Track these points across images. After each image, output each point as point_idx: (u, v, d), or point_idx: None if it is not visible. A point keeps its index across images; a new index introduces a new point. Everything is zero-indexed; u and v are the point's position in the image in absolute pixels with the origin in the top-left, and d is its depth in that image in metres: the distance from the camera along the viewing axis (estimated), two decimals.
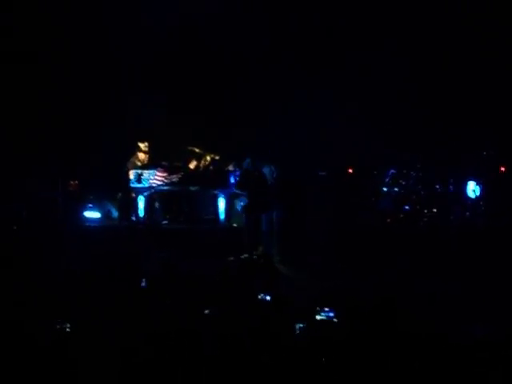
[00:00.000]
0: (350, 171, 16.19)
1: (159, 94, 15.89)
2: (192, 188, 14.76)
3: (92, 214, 15.40)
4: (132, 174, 14.71)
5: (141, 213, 14.69)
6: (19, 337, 6.43)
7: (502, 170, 15.45)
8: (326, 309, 7.23)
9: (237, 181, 14.09)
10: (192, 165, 15.20)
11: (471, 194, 15.22)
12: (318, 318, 7.17)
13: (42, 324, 6.84)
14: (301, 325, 6.84)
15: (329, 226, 13.83)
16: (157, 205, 15.03)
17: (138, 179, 14.65)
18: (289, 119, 16.06)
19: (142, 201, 14.66)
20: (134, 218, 14.82)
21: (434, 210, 15.45)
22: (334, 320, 7.15)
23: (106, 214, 15.61)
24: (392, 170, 15.91)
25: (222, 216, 14.44)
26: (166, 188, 14.76)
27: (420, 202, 15.64)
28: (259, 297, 8.14)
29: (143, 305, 7.58)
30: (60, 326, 6.85)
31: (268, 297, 8.09)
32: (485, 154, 15.45)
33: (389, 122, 15.86)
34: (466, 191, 15.25)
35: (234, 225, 14.34)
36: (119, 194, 15.22)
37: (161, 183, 14.66)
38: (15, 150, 15.45)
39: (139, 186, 14.67)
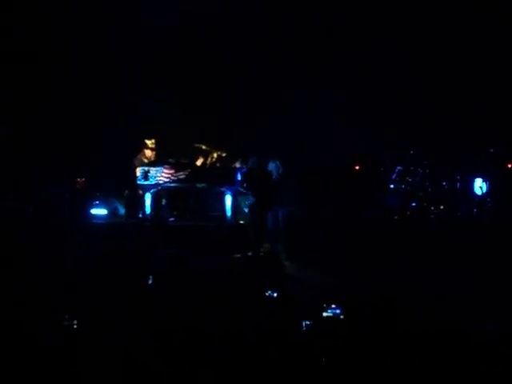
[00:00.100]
0: (357, 168, 16.18)
1: (166, 91, 15.91)
2: (199, 185, 14.75)
3: (99, 211, 15.42)
4: (139, 171, 14.70)
5: (147, 210, 14.69)
6: (26, 333, 6.44)
7: (509, 166, 15.43)
8: (333, 306, 7.22)
9: (241, 180, 14.09)
10: (199, 162, 15.21)
11: (478, 191, 15.20)
12: (324, 314, 7.17)
13: (49, 321, 6.84)
14: (307, 322, 6.83)
15: (335, 223, 13.83)
16: (163, 202, 15.04)
17: (145, 176, 14.65)
18: (295, 115, 16.07)
19: (148, 198, 14.66)
20: (140, 215, 14.81)
21: (441, 207, 15.43)
22: (341, 317, 7.14)
23: (112, 211, 15.63)
24: (399, 167, 15.90)
25: (228, 213, 14.43)
26: (172, 185, 14.75)
27: (427, 198, 15.63)
28: (266, 294, 8.14)
29: (150, 302, 7.58)
30: (67, 323, 6.86)
31: (275, 294, 8.09)
32: (492, 150, 15.43)
33: (396, 119, 15.86)
34: (473, 188, 15.23)
35: (241, 222, 14.33)
36: (126, 191, 15.22)
37: (168, 180, 14.66)
38: (22, 148, 15.48)
39: (146, 183, 14.67)
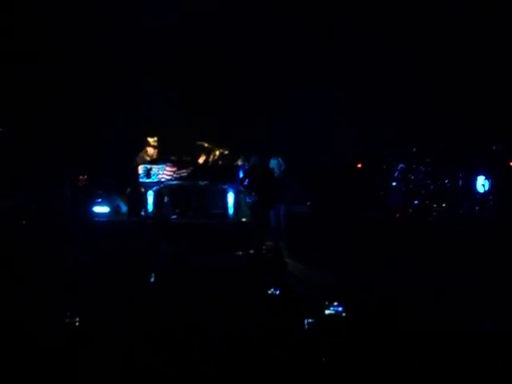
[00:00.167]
0: (359, 166, 16.17)
1: (168, 89, 15.91)
2: (201, 183, 14.76)
3: (101, 209, 15.42)
4: (141, 169, 14.71)
5: (150, 207, 14.70)
6: (27, 331, 6.44)
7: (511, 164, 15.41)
8: (335, 303, 7.23)
9: (242, 177, 14.10)
10: (201, 159, 15.21)
11: (480, 189, 15.17)
12: (326, 312, 7.17)
13: (51, 319, 6.85)
14: (310, 319, 6.83)
15: (337, 221, 13.83)
16: (166, 199, 15.02)
17: (147, 174, 14.65)
18: (297, 114, 16.07)
19: (151, 195, 14.67)
20: (142, 213, 14.81)
21: (444, 205, 15.41)
22: (343, 315, 7.14)
23: (114, 209, 15.62)
24: (401, 165, 15.88)
25: (230, 210, 14.44)
26: (175, 183, 14.76)
27: (429, 196, 15.61)
28: (269, 292, 8.14)
29: (152, 299, 7.59)
30: (69, 321, 6.86)
31: (277, 291, 8.09)
32: (494, 148, 15.41)
33: (398, 117, 15.85)
34: (475, 186, 15.21)
35: (243, 219, 14.33)
36: (128, 189, 15.21)
37: (170, 178, 14.66)
38: (25, 145, 15.49)
39: (148, 180, 14.67)
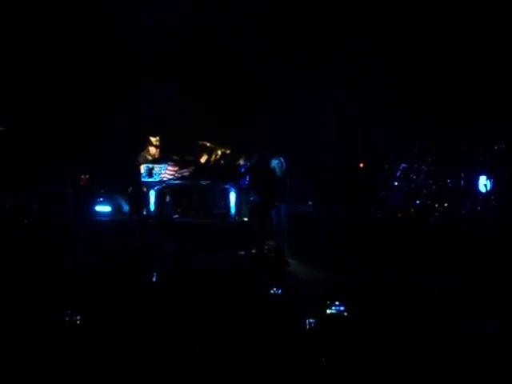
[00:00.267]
0: (361, 166, 16.16)
1: (171, 88, 15.91)
2: (203, 182, 14.78)
3: (103, 208, 15.43)
4: (143, 169, 14.72)
5: (152, 207, 14.71)
6: (29, 330, 6.45)
7: None
8: (337, 303, 7.23)
9: (242, 176, 14.11)
10: (203, 159, 15.21)
11: (482, 189, 15.16)
12: (328, 312, 7.17)
13: (53, 319, 6.86)
14: (311, 319, 6.84)
15: (340, 221, 13.83)
16: (168, 199, 15.04)
17: (149, 173, 14.66)
18: (298, 113, 16.08)
19: (152, 195, 14.68)
20: (144, 213, 14.83)
21: (445, 205, 15.40)
22: (345, 314, 7.15)
23: (116, 208, 15.64)
24: (403, 165, 15.87)
25: (232, 210, 14.46)
26: (176, 182, 14.78)
27: (431, 196, 15.60)
28: (271, 291, 8.14)
29: (154, 299, 7.59)
30: (70, 321, 6.87)
31: (279, 291, 8.10)
32: (496, 148, 15.39)
33: (400, 117, 15.84)
34: (477, 186, 15.19)
35: (245, 219, 14.34)
36: (130, 188, 15.22)
37: (172, 177, 14.67)
38: (27, 145, 15.49)
39: (150, 180, 14.68)
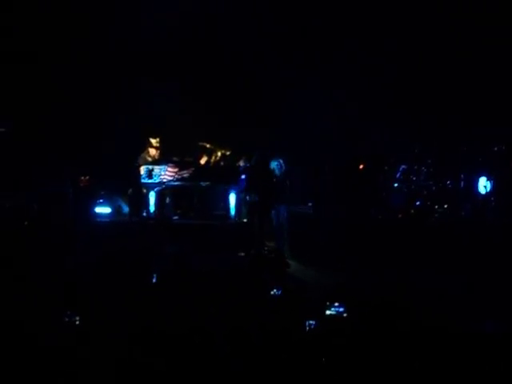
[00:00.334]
0: (361, 167, 16.16)
1: (171, 88, 15.91)
2: (203, 183, 14.77)
3: (103, 210, 15.43)
4: (143, 170, 14.71)
5: (151, 208, 14.71)
6: (28, 331, 6.45)
7: None
8: (336, 304, 7.23)
9: (242, 177, 14.13)
10: (203, 160, 15.22)
11: (482, 190, 15.15)
12: (328, 313, 7.17)
13: (51, 318, 6.86)
14: (311, 320, 6.84)
15: (339, 222, 13.83)
16: (167, 200, 15.03)
17: (149, 175, 14.66)
18: (298, 114, 16.08)
19: (152, 196, 14.68)
20: (144, 214, 14.82)
21: (445, 206, 15.40)
22: (344, 315, 7.15)
23: (116, 210, 15.64)
24: (403, 166, 15.87)
25: (232, 211, 14.46)
26: (176, 183, 14.77)
27: (431, 197, 15.60)
28: (271, 292, 8.15)
29: (154, 300, 7.60)
30: (70, 321, 6.87)
31: (279, 292, 8.10)
32: (496, 149, 15.39)
33: (400, 118, 15.85)
34: (477, 187, 15.19)
35: (245, 220, 14.34)
36: (130, 190, 15.22)
37: (172, 179, 14.67)
38: (27, 146, 15.49)
39: (150, 181, 14.68)
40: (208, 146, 15.25)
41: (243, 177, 14.16)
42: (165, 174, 14.65)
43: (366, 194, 15.53)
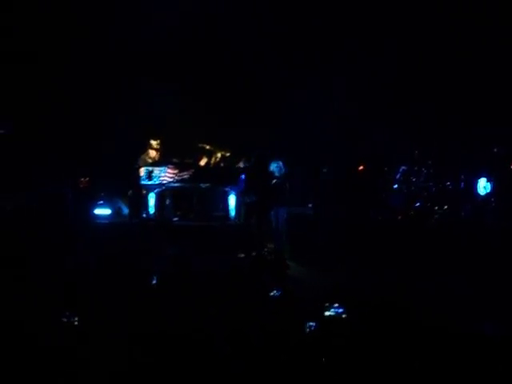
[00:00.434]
0: (361, 168, 16.17)
1: (171, 88, 15.92)
2: (203, 185, 14.78)
3: (103, 211, 15.42)
4: (143, 171, 14.71)
5: (151, 210, 14.70)
6: (27, 332, 6.45)
7: None
8: (336, 305, 7.23)
9: (240, 179, 14.13)
10: (203, 162, 15.23)
11: (482, 191, 15.15)
12: (327, 314, 7.17)
13: (51, 318, 6.86)
14: (311, 321, 6.84)
15: (339, 223, 13.83)
16: (167, 202, 15.03)
17: (149, 176, 14.65)
18: (298, 115, 16.09)
19: (152, 198, 14.68)
20: (144, 215, 14.83)
21: (445, 207, 15.41)
22: (343, 316, 7.14)
23: (116, 211, 15.64)
24: (403, 167, 15.88)
25: (232, 213, 14.46)
26: (176, 185, 14.78)
27: (431, 198, 15.61)
28: (271, 293, 8.14)
29: (154, 302, 7.59)
30: (69, 323, 6.87)
31: (279, 293, 8.10)
32: (496, 150, 15.39)
33: (400, 119, 15.86)
34: (476, 188, 15.19)
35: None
36: (130, 191, 15.22)
37: (171, 180, 14.68)
38: (27, 147, 15.49)
39: (150, 182, 14.68)
40: (208, 147, 15.25)
41: (243, 178, 14.17)
42: (165, 175, 14.66)
43: (365, 195, 15.54)
